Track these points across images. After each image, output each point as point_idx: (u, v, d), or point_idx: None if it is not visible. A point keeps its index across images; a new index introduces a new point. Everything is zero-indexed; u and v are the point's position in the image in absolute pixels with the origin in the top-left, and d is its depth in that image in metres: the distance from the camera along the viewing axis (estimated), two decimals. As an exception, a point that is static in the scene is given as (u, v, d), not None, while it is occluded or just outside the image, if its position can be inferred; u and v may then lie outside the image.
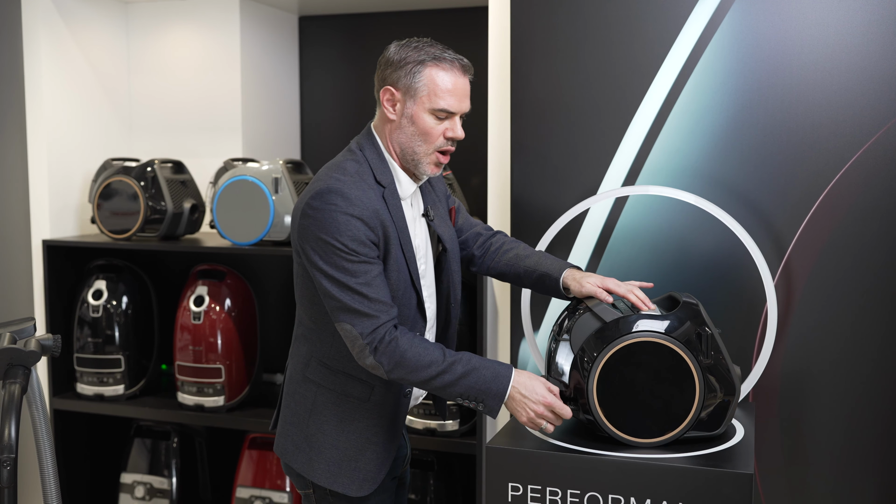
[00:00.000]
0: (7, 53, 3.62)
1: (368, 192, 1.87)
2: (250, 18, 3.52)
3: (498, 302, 2.79)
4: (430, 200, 2.08)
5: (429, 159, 1.92)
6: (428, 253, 2.05)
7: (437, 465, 2.97)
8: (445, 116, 1.89)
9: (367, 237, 1.83)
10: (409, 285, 1.94)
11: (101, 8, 3.49)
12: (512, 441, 2.00)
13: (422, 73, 1.87)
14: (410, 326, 1.97)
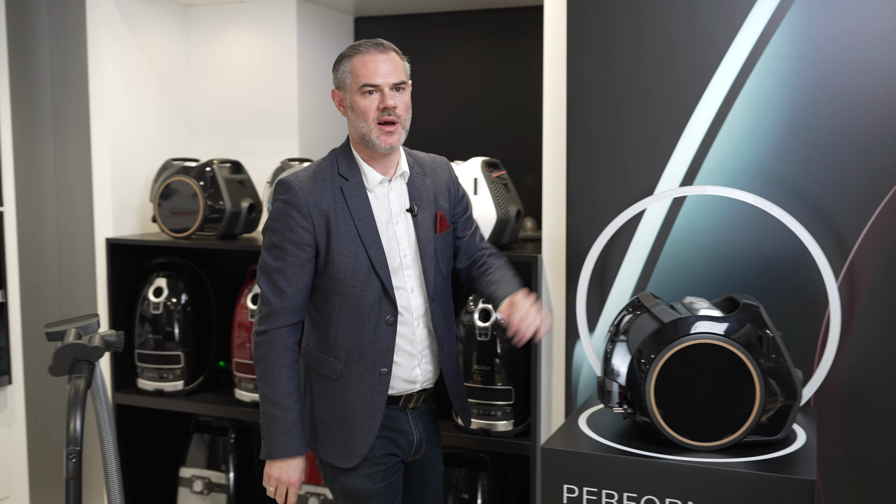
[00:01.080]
0: (72, 56, 3.72)
1: (317, 185, 2.09)
2: (307, 20, 3.56)
3: (553, 302, 2.78)
4: (421, 198, 2.20)
5: (374, 133, 2.07)
6: (413, 245, 2.17)
7: (491, 466, 2.96)
8: (372, 90, 2.06)
9: (295, 222, 2.07)
10: (370, 271, 2.09)
11: (162, 11, 3.56)
12: (568, 442, 1.99)
13: (345, 65, 2.10)
14: (376, 311, 2.10)
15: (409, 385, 2.19)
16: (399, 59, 2.13)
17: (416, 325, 2.17)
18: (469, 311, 2.84)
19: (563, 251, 2.71)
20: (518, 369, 2.81)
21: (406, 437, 2.21)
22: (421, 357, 2.20)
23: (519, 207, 2.92)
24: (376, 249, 2.10)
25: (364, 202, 2.12)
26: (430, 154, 2.37)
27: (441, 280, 2.22)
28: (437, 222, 2.22)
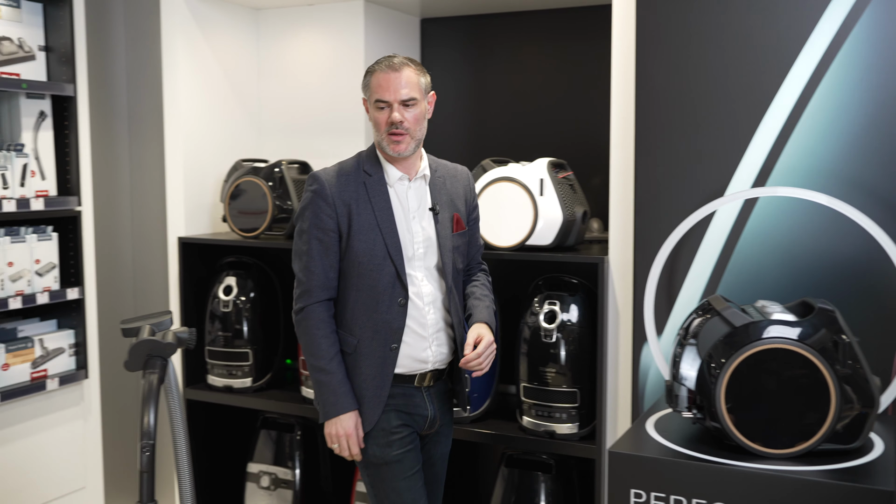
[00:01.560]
0: (147, 60, 3.82)
1: (342, 179, 2.35)
2: (374, 22, 3.59)
3: (619, 305, 2.74)
4: (442, 200, 2.43)
5: (385, 141, 2.33)
6: (430, 239, 2.39)
7: (555, 468, 2.94)
8: (384, 106, 2.30)
9: (321, 210, 2.33)
10: (386, 257, 2.33)
11: (233, 15, 3.63)
12: (636, 446, 1.96)
13: (367, 80, 2.35)
14: (389, 293, 2.33)
15: (421, 364, 2.39)
16: (414, 75, 2.32)
17: (428, 310, 2.38)
18: (534, 312, 2.83)
19: (630, 253, 2.68)
20: (583, 372, 2.79)
21: (420, 412, 2.41)
22: (432, 340, 2.39)
23: (585, 208, 2.90)
24: (392, 238, 2.34)
25: (384, 196, 2.36)
26: (454, 164, 2.57)
27: (456, 274, 2.45)
28: (454, 223, 2.46)
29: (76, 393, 3.39)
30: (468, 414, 2.96)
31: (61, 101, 3.28)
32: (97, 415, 3.48)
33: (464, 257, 2.50)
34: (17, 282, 3.13)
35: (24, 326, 3.28)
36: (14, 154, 3.11)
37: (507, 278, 3.27)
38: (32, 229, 3.21)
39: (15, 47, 3.12)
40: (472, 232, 2.55)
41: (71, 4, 3.23)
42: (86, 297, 3.36)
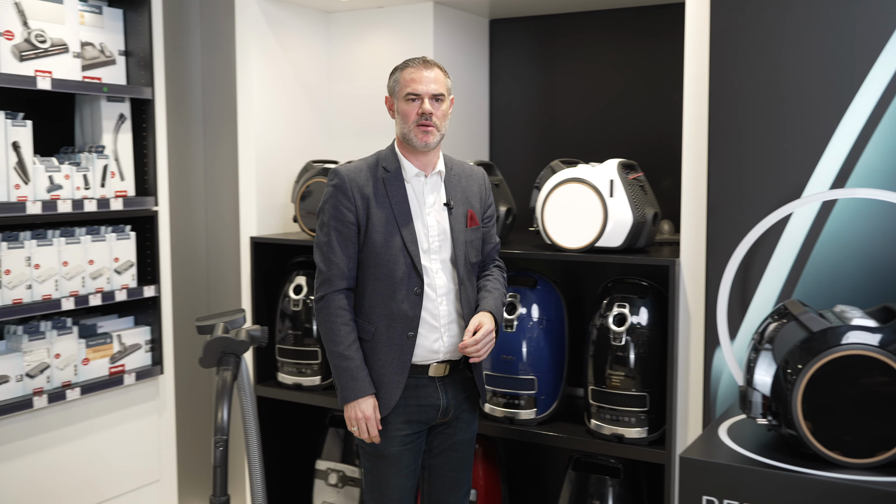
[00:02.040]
0: (222, 63, 3.90)
1: (362, 174, 2.48)
2: (443, 23, 3.60)
3: (691, 308, 2.70)
4: (456, 196, 2.54)
5: (414, 133, 2.44)
6: (444, 232, 2.51)
7: (623, 473, 2.91)
8: (415, 99, 2.43)
9: (341, 203, 2.45)
10: (402, 248, 2.44)
11: (305, 18, 3.69)
12: (708, 452, 1.93)
13: (396, 76, 2.50)
14: (405, 283, 2.44)
15: (433, 355, 2.49)
16: (442, 75, 2.48)
17: (440, 301, 2.49)
18: (603, 315, 2.80)
19: (702, 255, 2.63)
20: (653, 376, 2.75)
21: (433, 402, 2.50)
22: (444, 331, 2.49)
23: (656, 210, 2.86)
24: (408, 230, 2.46)
25: (401, 191, 2.49)
26: (470, 164, 2.68)
27: (468, 268, 2.54)
28: (468, 218, 2.56)
29: (152, 388, 3.48)
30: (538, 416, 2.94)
31: (140, 104, 3.38)
32: (171, 410, 3.57)
33: (478, 252, 2.59)
34: (97, 279, 3.23)
35: (104, 323, 3.38)
36: (95, 156, 3.21)
37: (575, 280, 3.25)
38: (112, 228, 3.31)
39: (97, 52, 3.22)
40: (487, 229, 2.64)
41: (149, 10, 3.32)
42: (161, 294, 3.45)
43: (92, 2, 3.24)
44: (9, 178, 2.93)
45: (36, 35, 2.97)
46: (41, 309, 3.04)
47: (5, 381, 2.96)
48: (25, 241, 3.00)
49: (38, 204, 2.98)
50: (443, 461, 2.60)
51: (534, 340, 2.93)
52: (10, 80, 2.89)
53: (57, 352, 3.11)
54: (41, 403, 3.04)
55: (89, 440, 3.26)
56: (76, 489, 3.22)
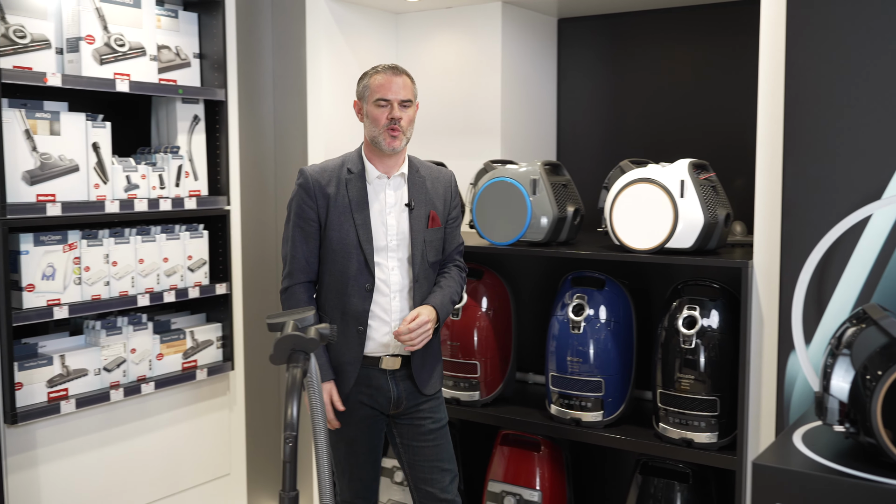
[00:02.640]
0: (293, 64, 3.96)
1: (325, 174, 2.62)
2: (511, 23, 3.59)
3: (764, 311, 2.64)
4: (418, 197, 2.65)
5: (382, 137, 2.57)
6: (403, 232, 2.62)
7: (692, 478, 2.86)
8: (385, 104, 2.56)
9: (304, 202, 2.60)
10: (356, 246, 2.58)
11: (374, 20, 3.72)
12: (782, 459, 1.88)
13: (367, 81, 2.62)
14: (354, 279, 2.58)
15: (384, 348, 2.62)
16: (410, 82, 2.61)
17: (394, 297, 2.62)
18: (672, 317, 2.76)
19: (776, 257, 2.56)
20: (724, 380, 2.70)
21: (384, 393, 2.64)
22: (395, 325, 2.61)
23: (728, 211, 2.80)
24: (364, 229, 2.59)
25: (362, 192, 2.62)
26: (439, 166, 2.80)
27: (426, 266, 2.66)
28: (430, 219, 2.66)
29: (223, 384, 3.56)
30: (604, 419, 2.91)
31: (213, 106, 3.45)
32: (241, 405, 3.64)
33: (437, 252, 2.70)
34: (171, 276, 3.31)
35: (177, 319, 3.47)
36: (170, 156, 3.29)
37: (644, 282, 3.21)
38: (185, 227, 3.39)
39: (172, 55, 3.30)
40: (451, 230, 2.75)
41: (223, 13, 3.39)
42: (233, 292, 3.52)
43: (168, 6, 3.32)
44: (89, 178, 3.03)
45: (115, 39, 3.06)
46: (118, 305, 3.13)
47: (84, 374, 3.05)
48: (104, 239, 3.10)
49: (115, 203, 3.07)
50: (419, 452, 2.70)
51: (601, 342, 2.91)
52: (91, 82, 2.98)
53: (133, 347, 3.20)
54: (117, 397, 3.13)
55: (162, 433, 3.34)
56: (150, 481, 3.31)
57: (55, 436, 2.98)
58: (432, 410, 2.72)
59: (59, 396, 2.97)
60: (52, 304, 2.94)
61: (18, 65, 2.82)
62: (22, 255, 2.87)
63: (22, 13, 2.86)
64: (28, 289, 2.88)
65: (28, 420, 2.86)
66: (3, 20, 2.80)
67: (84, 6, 2.97)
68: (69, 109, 3.03)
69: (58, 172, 2.94)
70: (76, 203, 2.97)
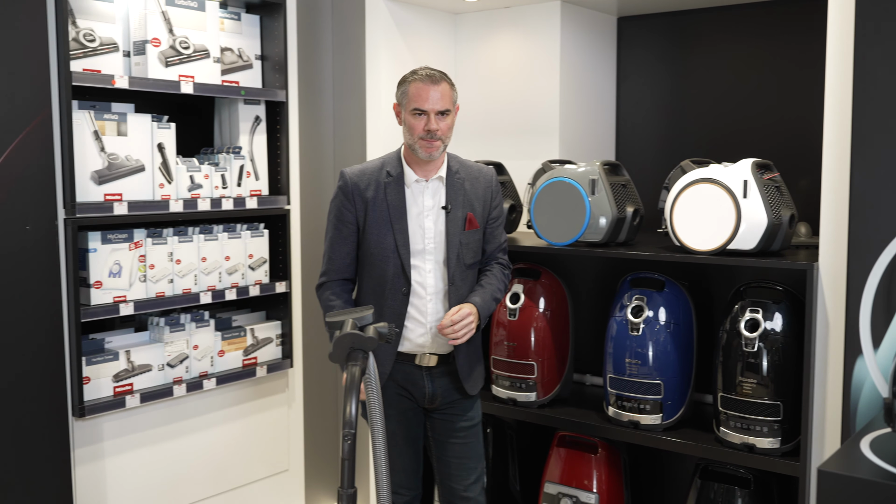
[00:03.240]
0: (352, 65, 3.99)
1: (365, 177, 2.65)
2: (570, 22, 3.57)
3: (829, 314, 2.57)
4: (455, 199, 2.65)
5: (418, 146, 2.58)
6: (440, 235, 2.64)
7: (754, 484, 2.81)
8: (421, 114, 2.55)
9: (343, 204, 2.65)
10: (394, 251, 2.61)
11: (433, 20, 3.73)
12: (849, 466, 1.83)
13: (405, 88, 2.61)
14: (391, 283, 2.62)
15: (419, 348, 2.67)
16: (448, 89, 2.60)
17: (429, 300, 2.64)
18: (734, 320, 2.71)
19: (843, 259, 2.50)
20: (787, 384, 2.64)
21: (419, 388, 2.69)
22: (430, 327, 2.64)
23: (793, 212, 2.74)
24: (402, 234, 2.61)
25: (400, 195, 2.63)
26: (479, 165, 2.78)
27: (462, 269, 2.67)
28: (467, 221, 2.66)
29: (282, 381, 3.61)
30: (663, 422, 2.88)
31: (274, 106, 3.50)
32: (300, 402, 3.69)
33: (474, 254, 2.70)
34: (232, 275, 3.37)
35: (238, 316, 3.53)
36: (232, 156, 3.35)
37: (705, 283, 3.16)
38: (247, 226, 3.45)
39: (235, 57, 3.36)
40: (492, 230, 2.75)
41: (284, 16, 3.44)
42: (292, 290, 3.57)
43: (231, 9, 3.38)
44: (154, 178, 3.10)
45: (180, 42, 3.12)
46: (181, 302, 3.20)
47: (148, 369, 3.12)
48: (168, 238, 3.17)
49: (179, 202, 3.14)
50: (447, 448, 2.75)
51: (660, 344, 2.87)
52: (157, 84, 3.05)
53: (195, 343, 3.27)
54: (180, 392, 3.19)
55: (223, 429, 3.40)
56: (210, 475, 3.37)
57: (120, 429, 3.06)
58: (466, 409, 2.75)
59: (125, 391, 3.05)
60: (118, 300, 3.01)
61: (88, 68, 2.91)
62: (90, 253, 2.95)
63: (91, 18, 2.94)
64: (96, 286, 2.96)
65: (95, 413, 2.94)
66: (74, 24, 2.88)
67: (151, 10, 3.04)
68: (135, 111, 3.10)
69: (124, 172, 3.01)
70: (142, 202, 3.04)
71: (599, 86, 3.75)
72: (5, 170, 2.58)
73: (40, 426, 2.72)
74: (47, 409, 2.74)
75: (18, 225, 2.63)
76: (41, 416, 2.72)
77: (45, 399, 2.73)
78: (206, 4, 3.22)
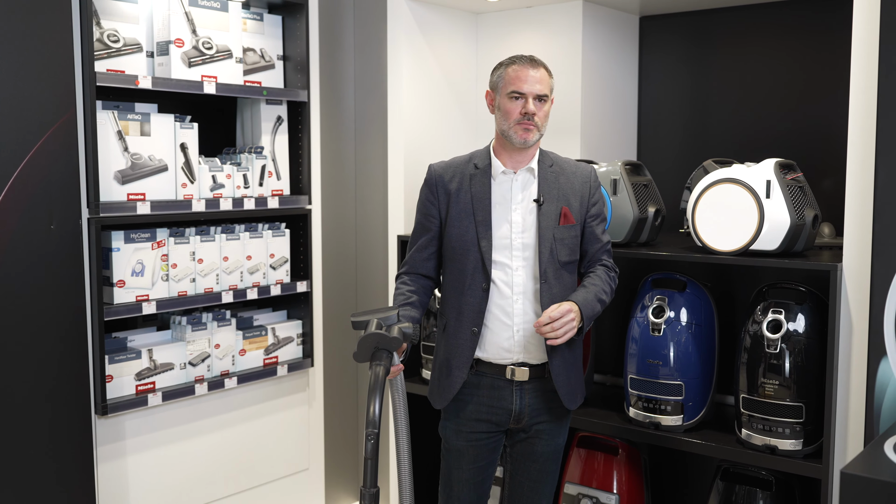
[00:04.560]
0: (374, 65, 4.00)
1: (450, 170, 2.58)
2: (592, 21, 3.56)
3: (853, 315, 2.55)
4: (549, 192, 2.52)
5: (514, 130, 2.47)
6: (531, 229, 2.50)
7: (775, 486, 2.79)
8: (519, 97, 2.45)
9: (427, 197, 2.60)
10: (474, 244, 2.49)
11: (455, 20, 3.73)
12: (872, 469, 1.82)
13: (501, 72, 2.51)
14: (471, 278, 2.50)
15: (505, 353, 2.50)
16: (547, 75, 2.50)
17: (516, 299, 2.48)
18: (756, 321, 2.70)
19: (867, 260, 2.48)
20: (810, 385, 2.62)
21: (505, 405, 2.52)
22: (517, 329, 2.48)
23: (816, 212, 2.72)
24: (485, 226, 2.49)
25: (485, 187, 2.53)
26: (578, 162, 2.66)
27: (556, 266, 2.50)
28: (562, 216, 2.51)
29: (302, 380, 3.62)
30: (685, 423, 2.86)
31: (296, 107, 3.52)
32: (320, 401, 3.70)
33: (571, 251, 2.54)
34: (253, 274, 3.39)
35: (259, 316, 3.55)
36: (254, 156, 3.36)
37: (727, 284, 3.14)
38: (268, 226, 3.46)
39: (257, 57, 3.38)
40: (591, 229, 2.58)
41: (307, 16, 3.45)
42: (313, 290, 3.58)
43: (254, 9, 3.40)
44: (177, 178, 3.12)
45: (203, 42, 3.14)
46: (203, 301, 3.22)
47: (170, 368, 3.15)
48: (190, 237, 3.19)
49: (202, 202, 3.16)
50: (522, 469, 2.61)
51: (682, 345, 2.86)
52: (180, 84, 3.07)
53: (217, 342, 3.29)
54: (202, 391, 3.21)
55: (244, 428, 3.42)
56: (231, 473, 3.39)
57: (142, 427, 3.08)
58: (551, 433, 2.59)
59: (147, 389, 3.07)
60: (140, 299, 3.04)
61: (112, 68, 2.93)
62: (113, 252, 2.97)
63: (115, 18, 2.96)
64: (119, 285, 2.99)
65: (117, 412, 2.97)
66: (98, 25, 2.90)
67: (174, 10, 3.06)
68: (158, 111, 3.13)
69: (147, 172, 3.04)
70: (165, 202, 3.06)
71: (621, 85, 3.73)
72: (30, 169, 2.61)
73: (64, 424, 2.75)
74: (71, 406, 2.76)
75: (43, 224, 2.66)
76: (64, 414, 2.75)
77: (69, 397, 2.76)
78: (229, 5, 3.23)
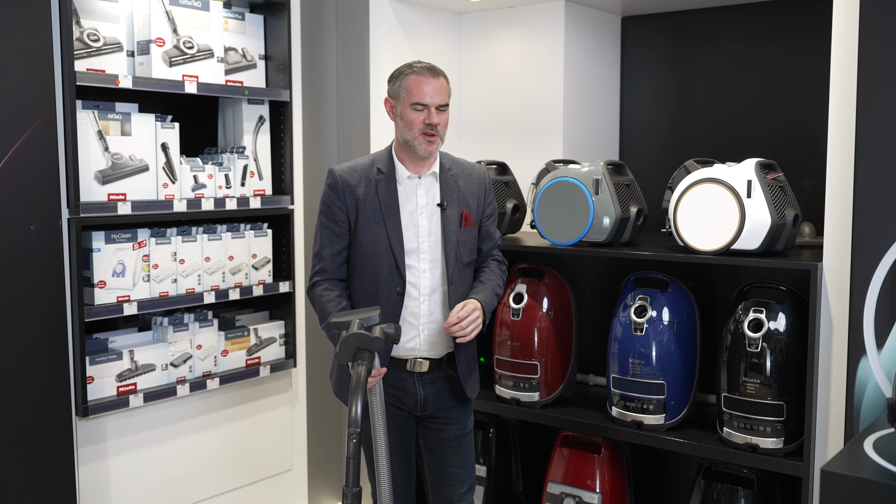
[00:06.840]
0: (356, 65, 3.99)
1: (354, 175, 2.59)
2: (574, 21, 3.57)
3: (833, 314, 2.57)
4: (450, 196, 2.59)
5: (418, 141, 2.51)
6: (436, 233, 2.57)
7: (757, 484, 2.81)
8: (422, 109, 2.49)
9: (333, 202, 2.57)
10: (387, 249, 2.53)
11: (437, 20, 3.73)
12: (852, 467, 1.83)
13: (401, 81, 2.54)
14: (385, 283, 2.54)
15: (409, 351, 2.59)
16: (446, 84, 2.55)
17: (423, 301, 2.57)
18: (737, 320, 2.71)
19: (847, 259, 2.50)
20: (791, 384, 2.64)
21: (410, 395, 2.62)
22: (422, 329, 2.58)
23: (797, 212, 2.74)
24: (395, 231, 2.54)
25: (392, 193, 2.56)
26: (472, 163, 2.75)
27: (460, 267, 2.61)
28: (462, 219, 2.61)
29: (285, 380, 3.61)
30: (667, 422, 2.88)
31: (278, 106, 3.50)
32: (303, 402, 3.69)
33: (471, 251, 2.66)
34: (235, 274, 3.37)
35: (241, 316, 3.53)
36: (236, 156, 3.35)
37: (708, 284, 3.16)
38: (250, 226, 3.45)
39: (239, 57, 3.36)
40: (486, 228, 2.71)
41: (289, 16, 3.44)
42: (296, 290, 3.57)
43: (235, 9, 3.38)
44: (158, 178, 3.10)
45: (184, 42, 3.13)
46: (185, 302, 3.20)
47: (152, 369, 3.13)
48: (172, 238, 3.17)
49: (183, 202, 3.14)
50: (439, 457, 2.70)
51: (664, 344, 2.87)
52: (161, 84, 3.05)
53: (199, 343, 3.27)
54: (184, 392, 3.20)
55: (226, 429, 3.40)
56: (213, 474, 3.37)
57: (124, 429, 3.06)
58: (459, 417, 2.70)
59: (129, 391, 3.05)
60: (121, 300, 3.02)
61: (92, 67, 2.91)
62: (94, 253, 2.95)
63: (95, 17, 2.94)
64: (99, 285, 2.96)
65: (98, 413, 2.95)
66: (78, 24, 2.88)
67: (155, 10, 3.05)
68: (139, 110, 3.11)
69: (128, 172, 3.02)
70: (146, 202, 3.04)
71: (603, 85, 3.75)
72: (9, 170, 2.58)
73: (44, 425, 2.72)
74: (51, 408, 2.74)
75: (22, 224, 2.63)
76: (45, 416, 2.72)
77: (49, 398, 2.73)
78: (210, 4, 3.22)
